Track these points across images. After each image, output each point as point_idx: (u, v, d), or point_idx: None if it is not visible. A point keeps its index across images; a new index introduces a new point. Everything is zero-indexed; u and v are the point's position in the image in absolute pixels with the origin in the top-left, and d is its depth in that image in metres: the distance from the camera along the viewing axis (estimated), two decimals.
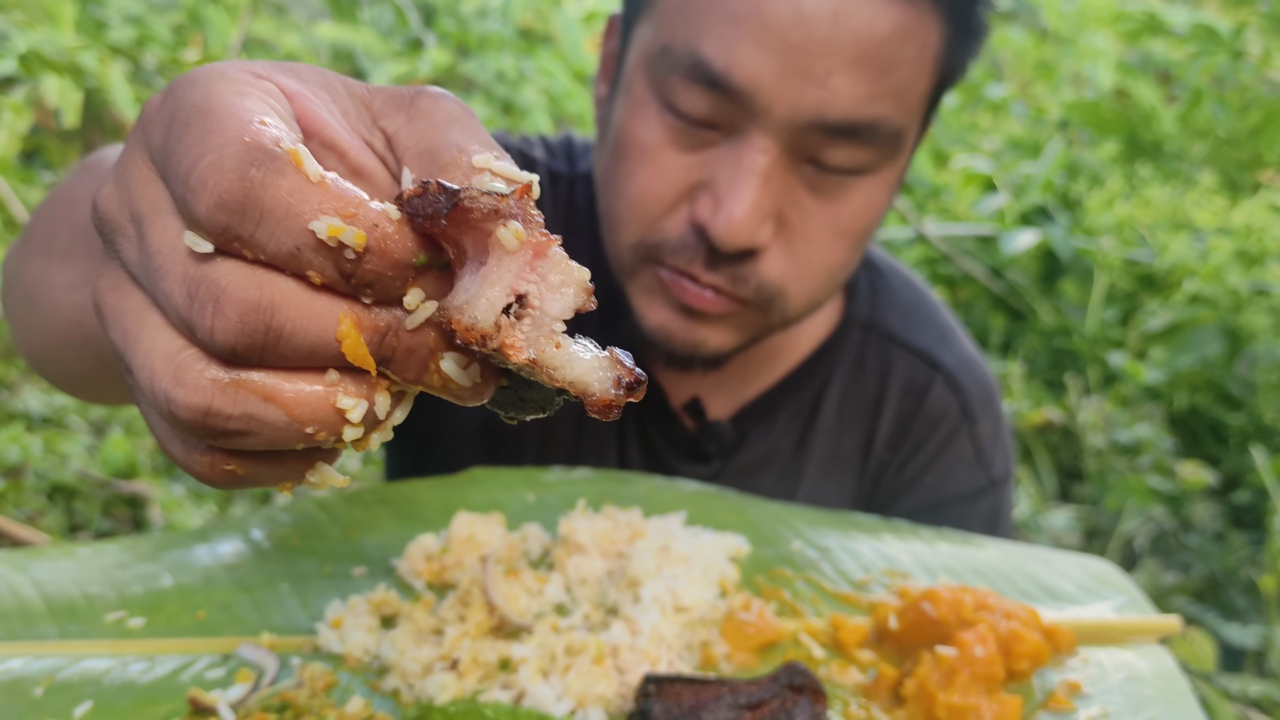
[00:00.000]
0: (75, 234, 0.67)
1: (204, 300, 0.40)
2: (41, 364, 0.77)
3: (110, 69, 4.04)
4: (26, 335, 0.75)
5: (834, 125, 0.88)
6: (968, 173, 4.32)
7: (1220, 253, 3.39)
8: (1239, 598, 2.68)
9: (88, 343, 0.68)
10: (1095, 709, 0.70)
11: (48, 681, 0.68)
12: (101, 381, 0.75)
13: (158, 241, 0.43)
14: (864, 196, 0.95)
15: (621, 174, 0.97)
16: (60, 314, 0.69)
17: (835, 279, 1.01)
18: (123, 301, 0.44)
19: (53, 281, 0.69)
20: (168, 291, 0.42)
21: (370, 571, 0.85)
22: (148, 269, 0.43)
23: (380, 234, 0.40)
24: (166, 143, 0.43)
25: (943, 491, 1.20)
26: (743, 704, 0.64)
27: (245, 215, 0.40)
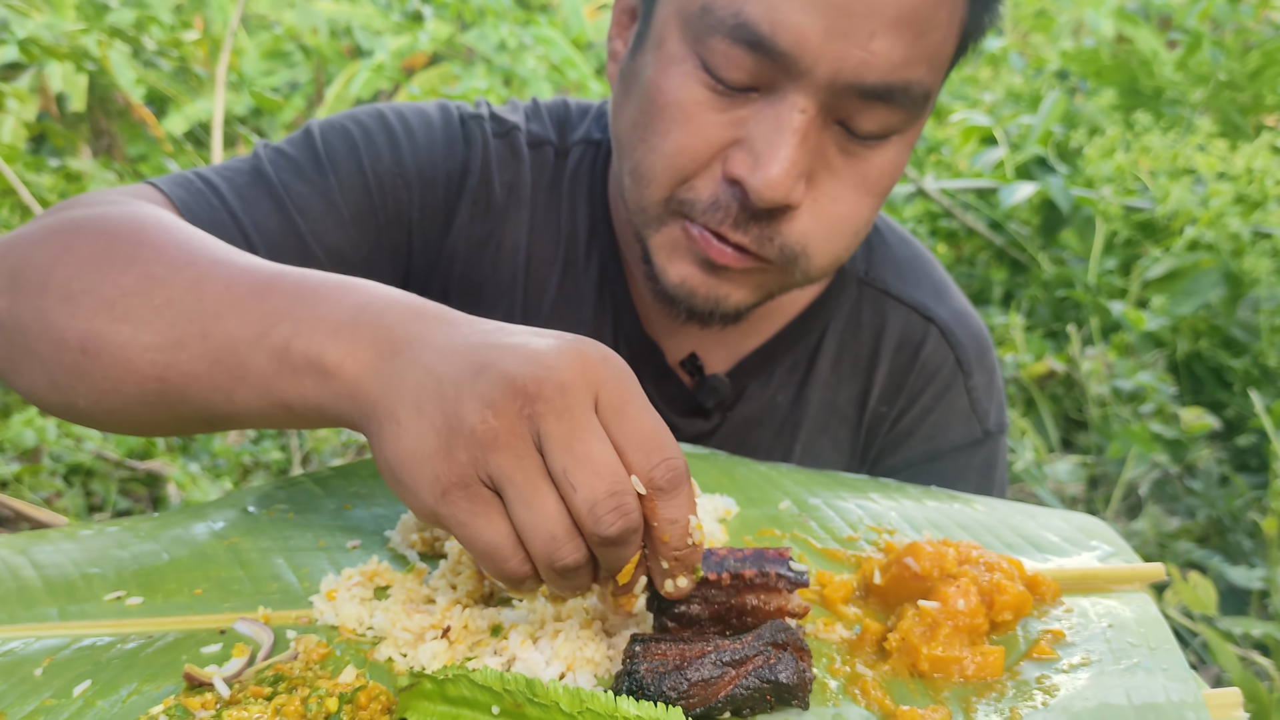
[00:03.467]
0: (167, 307, 0.77)
1: (612, 512, 0.63)
2: (76, 405, 0.83)
3: (112, 52, 4.05)
4: (73, 384, 0.81)
5: (870, 88, 0.90)
6: (967, 127, 4.30)
7: (1221, 198, 3.37)
8: (1243, 541, 2.69)
9: (163, 396, 0.78)
10: (1078, 657, 0.71)
11: (48, 662, 0.70)
12: (157, 424, 0.82)
13: (598, 452, 0.63)
14: (890, 156, 0.97)
15: (656, 131, 0.97)
16: (134, 370, 0.77)
17: (858, 237, 1.03)
18: (526, 458, 0.64)
19: (125, 341, 0.77)
20: (590, 485, 0.63)
21: (364, 544, 0.86)
22: (576, 458, 0.63)
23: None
24: (620, 397, 0.66)
25: (938, 443, 1.22)
26: (727, 661, 0.65)
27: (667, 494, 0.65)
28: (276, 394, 0.74)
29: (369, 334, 0.71)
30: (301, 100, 6.25)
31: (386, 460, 0.68)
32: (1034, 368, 3.40)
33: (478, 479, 0.64)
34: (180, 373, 0.76)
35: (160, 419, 0.81)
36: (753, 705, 0.65)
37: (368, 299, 0.74)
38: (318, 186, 1.08)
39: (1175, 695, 0.66)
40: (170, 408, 0.79)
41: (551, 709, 0.61)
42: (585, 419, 0.64)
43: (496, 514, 0.65)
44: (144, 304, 0.78)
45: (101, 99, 4.99)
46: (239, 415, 0.77)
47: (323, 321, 0.73)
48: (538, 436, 0.64)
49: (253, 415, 0.76)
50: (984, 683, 0.69)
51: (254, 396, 0.75)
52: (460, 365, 0.66)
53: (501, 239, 1.17)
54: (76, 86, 4.78)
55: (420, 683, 0.65)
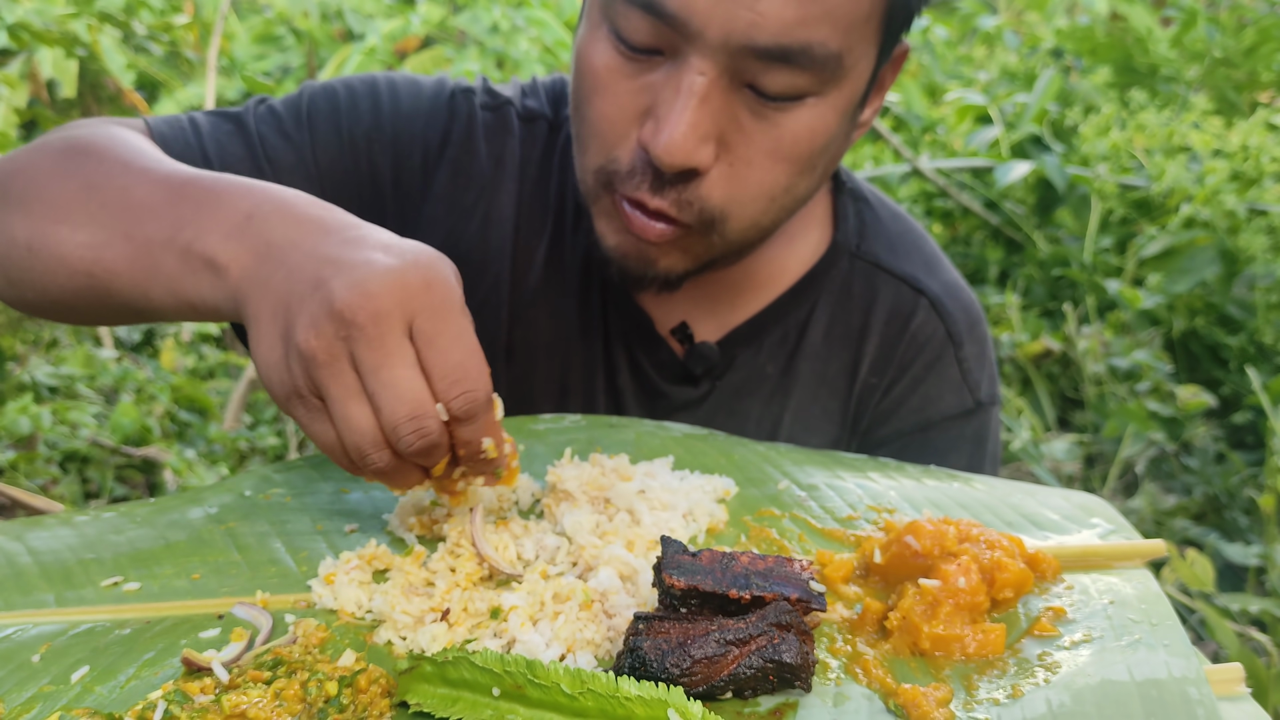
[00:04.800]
0: (100, 211, 0.86)
1: (411, 434, 0.71)
2: (25, 297, 0.93)
3: (102, 36, 4.02)
4: (23, 279, 0.91)
5: (764, 49, 0.89)
6: (961, 106, 4.29)
7: (1216, 175, 3.36)
8: (1240, 518, 2.69)
9: (92, 289, 0.86)
10: (1079, 634, 0.71)
11: (45, 648, 0.69)
12: (93, 314, 0.92)
13: (402, 379, 0.71)
14: (806, 120, 0.96)
15: (583, 100, 1.00)
16: (68, 265, 0.87)
17: (777, 202, 1.02)
18: (341, 376, 0.71)
19: (62, 240, 0.87)
20: (393, 409, 0.71)
21: (362, 527, 0.86)
22: (382, 383, 0.71)
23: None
24: (433, 327, 0.72)
25: (928, 413, 1.22)
26: (730, 640, 0.65)
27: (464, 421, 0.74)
28: (182, 292, 0.81)
29: (252, 238, 0.79)
30: (293, 84, 6.21)
31: (255, 359, 0.76)
32: (1030, 347, 3.40)
33: (308, 389, 0.73)
34: (105, 269, 0.85)
35: (95, 310, 0.90)
36: (755, 685, 0.65)
37: (261, 202, 0.81)
38: (293, 142, 1.12)
39: (1177, 671, 0.66)
40: (99, 299, 0.87)
41: (552, 690, 0.61)
42: (395, 346, 0.71)
43: (327, 420, 0.74)
44: (81, 208, 0.87)
45: (92, 85, 4.96)
46: (155, 311, 0.85)
47: (220, 225, 0.80)
48: (352, 358, 0.71)
49: (167, 311, 0.84)
50: (985, 660, 0.69)
51: (165, 295, 0.83)
52: (306, 278, 0.73)
53: (489, 209, 1.18)
54: (67, 72, 4.75)
55: (420, 666, 0.65)
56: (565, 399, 1.22)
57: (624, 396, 1.22)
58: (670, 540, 0.72)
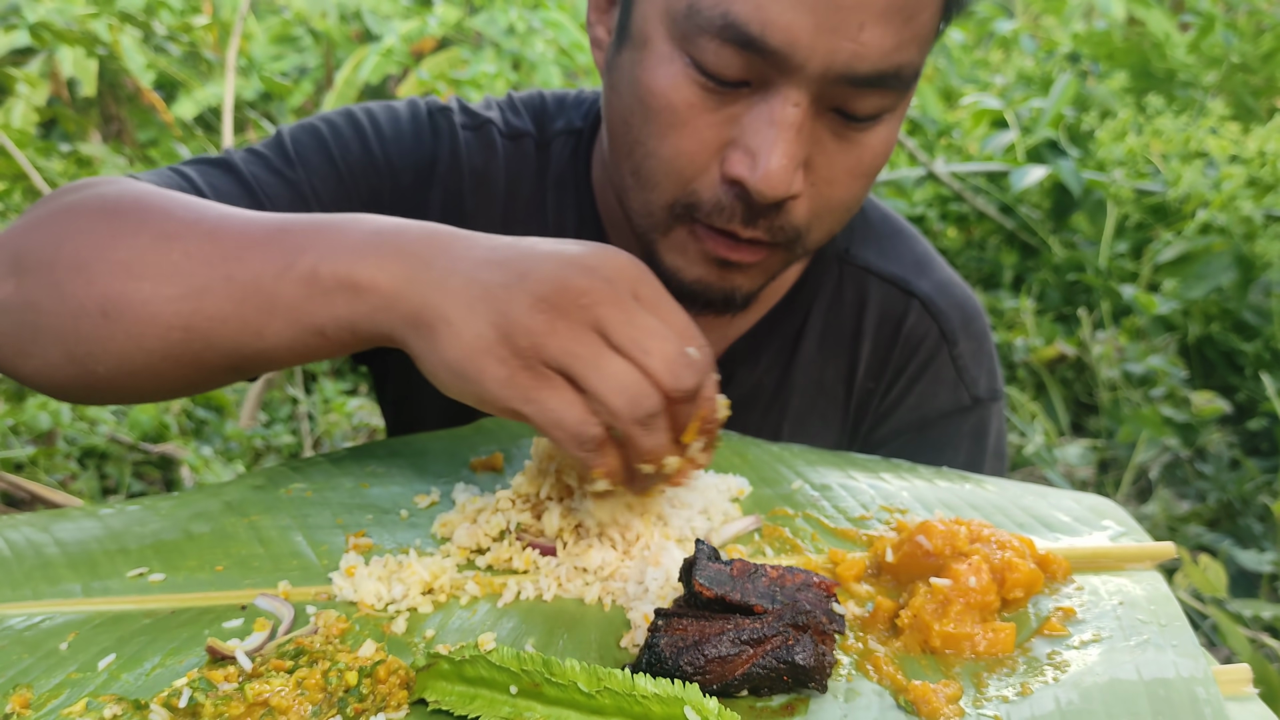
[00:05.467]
0: (186, 260, 0.81)
1: (687, 368, 0.73)
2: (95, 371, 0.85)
3: (122, 36, 4.05)
4: (92, 351, 0.83)
5: (864, 78, 0.89)
6: (977, 110, 4.29)
7: (1233, 181, 3.35)
8: (1254, 524, 2.69)
9: (188, 344, 0.81)
10: (1089, 634, 0.72)
11: (73, 636, 0.71)
12: (177, 377, 0.85)
13: (657, 324, 0.73)
14: (883, 136, 0.97)
15: (652, 134, 0.96)
16: (159, 322, 0.81)
17: (851, 214, 1.04)
18: (585, 338, 0.71)
19: (147, 298, 0.81)
20: (662, 348, 0.72)
21: (378, 520, 0.87)
22: (641, 330, 0.72)
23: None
24: (654, 292, 0.76)
25: (925, 411, 1.23)
26: (745, 639, 0.66)
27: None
28: (308, 320, 0.79)
29: (393, 251, 0.77)
30: (310, 85, 6.24)
31: (445, 360, 0.74)
32: (1044, 351, 3.40)
33: (540, 362, 0.72)
34: (206, 317, 0.80)
35: (184, 372, 0.84)
36: (770, 685, 0.66)
37: (382, 225, 0.80)
38: (286, 178, 1.10)
39: (1185, 671, 0.67)
40: (195, 357, 0.82)
41: (569, 688, 0.62)
42: (635, 304, 0.73)
43: (562, 386, 0.72)
44: (162, 260, 0.82)
45: (111, 84, 5.00)
46: (268, 351, 0.81)
47: (345, 246, 0.78)
48: (595, 322, 0.72)
49: (282, 349, 0.81)
50: (995, 659, 0.70)
51: (284, 327, 0.79)
52: (502, 272, 0.74)
53: (472, 228, 1.18)
54: (87, 71, 4.78)
55: (437, 663, 0.66)
56: None
57: None
58: (704, 544, 0.72)
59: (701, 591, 0.69)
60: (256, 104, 5.93)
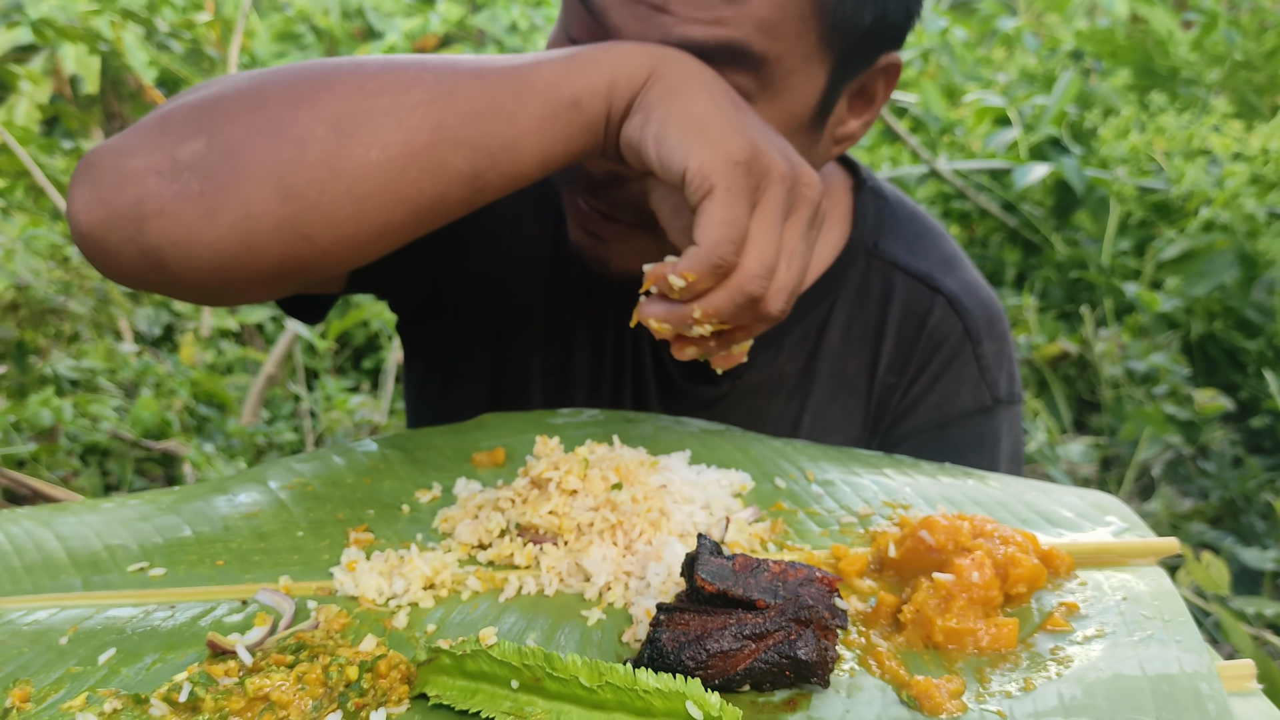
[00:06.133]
0: (424, 73, 0.82)
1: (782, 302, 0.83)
2: (321, 201, 0.81)
3: (124, 33, 4.05)
4: (321, 178, 0.80)
5: (679, 47, 0.88)
6: (980, 107, 4.28)
7: (1236, 178, 3.35)
8: (1257, 522, 2.68)
9: (435, 147, 0.81)
10: (1092, 629, 0.72)
11: (73, 631, 0.71)
12: (416, 193, 0.83)
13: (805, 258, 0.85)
14: None
15: None
16: (407, 125, 0.80)
17: None
18: (778, 204, 0.81)
19: (388, 107, 0.81)
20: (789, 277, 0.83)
21: (379, 514, 0.87)
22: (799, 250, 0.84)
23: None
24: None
25: (946, 410, 1.22)
26: (747, 634, 0.65)
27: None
28: (567, 90, 0.82)
29: (663, 49, 0.86)
30: None
31: (694, 115, 0.81)
32: (1047, 349, 3.39)
33: (758, 182, 0.80)
34: (458, 113, 0.81)
35: (421, 183, 0.82)
36: (772, 680, 0.66)
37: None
38: None
39: (1189, 666, 0.67)
40: (439, 161, 0.81)
41: (571, 682, 0.62)
42: (814, 225, 0.85)
43: (749, 208, 0.80)
44: (400, 76, 0.82)
45: (114, 81, 4.99)
46: (517, 140, 0.82)
47: (597, 45, 0.86)
48: (793, 209, 0.83)
49: (532, 134, 0.82)
50: (998, 654, 0.70)
51: (538, 104, 0.82)
52: (759, 120, 0.86)
53: (528, 208, 1.21)
54: (90, 69, 4.78)
55: (439, 658, 0.65)
56: (596, 390, 1.22)
57: (648, 392, 1.23)
58: (705, 539, 0.72)
59: (704, 586, 0.69)
60: None
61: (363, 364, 3.79)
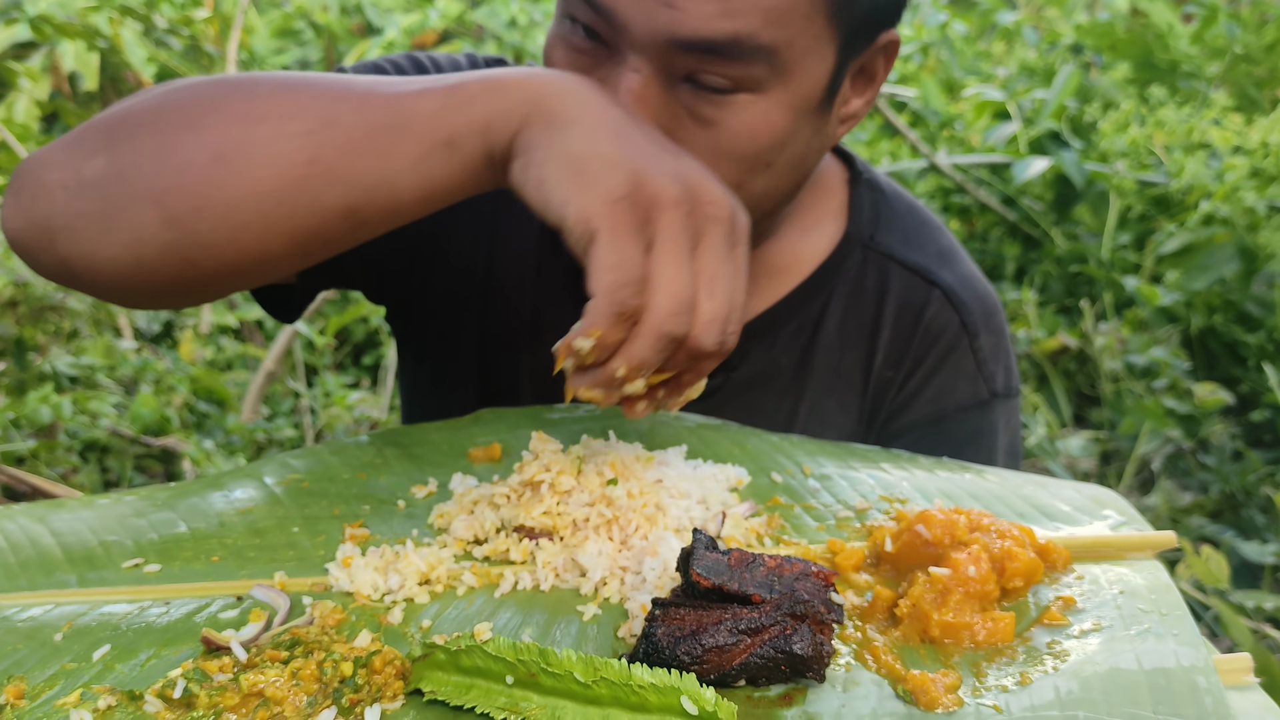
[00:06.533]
0: (313, 100, 0.81)
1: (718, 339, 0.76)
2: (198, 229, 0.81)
3: (123, 29, 4.04)
4: (198, 206, 0.81)
5: (688, 42, 0.88)
6: (980, 101, 4.27)
7: (1236, 172, 3.34)
8: (1257, 515, 2.68)
9: (307, 181, 0.79)
10: (1089, 623, 0.72)
11: (68, 627, 0.71)
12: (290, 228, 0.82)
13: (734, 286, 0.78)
14: (744, 119, 0.94)
15: None
16: (280, 159, 0.79)
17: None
18: (684, 234, 0.74)
19: (268, 137, 0.79)
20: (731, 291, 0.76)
21: (374, 510, 0.87)
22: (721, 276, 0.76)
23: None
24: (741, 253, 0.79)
25: (943, 404, 1.22)
26: (743, 629, 0.65)
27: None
28: (442, 129, 0.79)
29: (551, 73, 0.82)
30: None
31: (571, 154, 0.75)
32: (1047, 343, 3.39)
33: (646, 215, 0.73)
34: (334, 147, 0.79)
35: (297, 220, 0.81)
36: (768, 675, 0.65)
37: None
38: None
39: (1186, 660, 0.67)
40: (313, 197, 0.80)
41: (565, 678, 0.62)
42: (735, 247, 0.78)
43: (642, 245, 0.73)
44: (285, 103, 0.81)
45: (113, 78, 4.98)
46: (392, 179, 0.80)
47: (481, 74, 0.81)
48: (702, 235, 0.75)
49: (407, 173, 0.79)
50: (995, 648, 0.70)
51: (413, 144, 0.79)
52: (655, 140, 0.79)
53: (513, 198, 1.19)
54: (89, 65, 4.77)
55: (434, 653, 0.65)
56: None
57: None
58: (701, 534, 0.72)
59: (699, 581, 0.68)
60: None
61: (362, 360, 3.79)
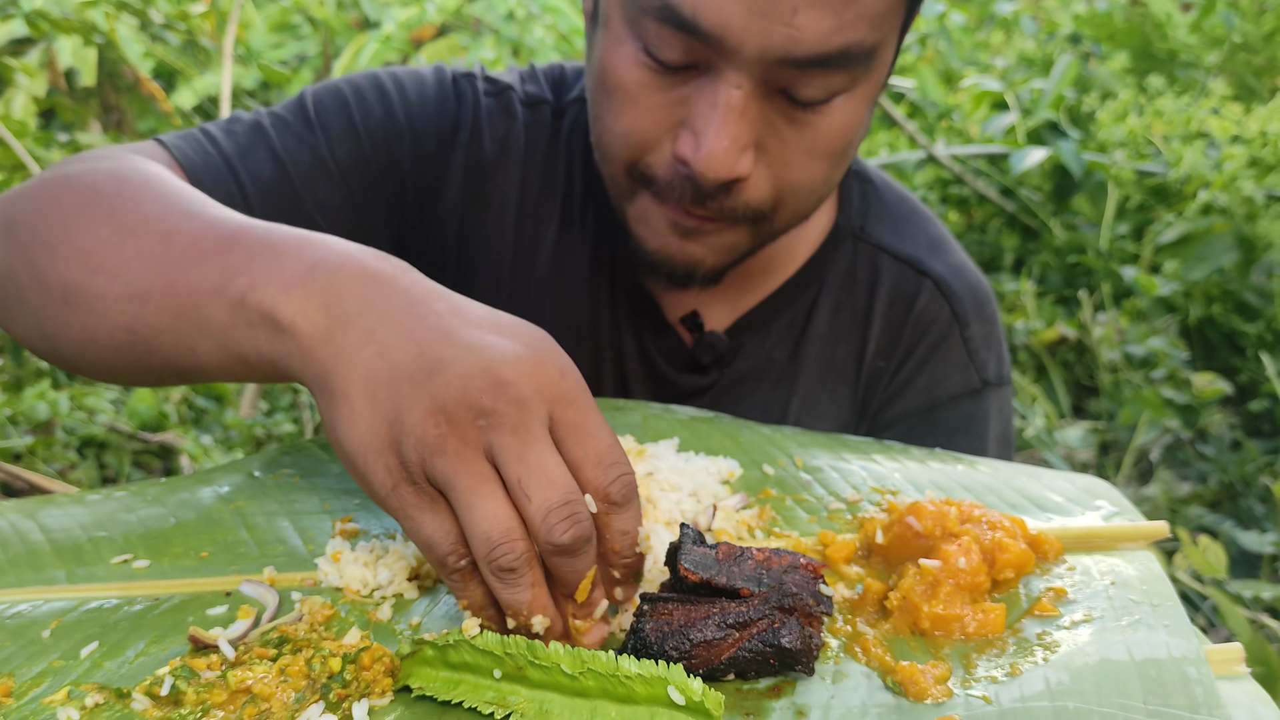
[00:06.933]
0: (137, 259, 0.79)
1: (565, 520, 0.63)
2: (62, 354, 0.86)
3: (119, 25, 4.04)
4: (57, 333, 0.84)
5: (803, 60, 0.89)
6: (978, 92, 4.27)
7: (1235, 161, 3.34)
8: (1255, 505, 2.68)
9: (133, 347, 0.79)
10: (1080, 614, 0.71)
11: (55, 624, 0.70)
12: (135, 375, 0.84)
13: (551, 465, 0.64)
14: (839, 118, 0.96)
15: (609, 111, 1.00)
16: (108, 320, 0.80)
17: (818, 194, 1.04)
18: (474, 464, 0.64)
19: (99, 292, 0.80)
20: (544, 495, 0.63)
21: (365, 504, 0.86)
22: (530, 469, 0.63)
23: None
24: (577, 414, 0.66)
25: (934, 394, 1.22)
26: (731, 623, 0.65)
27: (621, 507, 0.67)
28: (233, 346, 0.74)
29: (320, 294, 0.70)
30: (310, 73, 6.22)
31: (340, 441, 0.67)
32: (1045, 334, 3.39)
33: (425, 478, 0.65)
34: (147, 324, 0.78)
35: (133, 370, 0.82)
36: (757, 669, 0.65)
37: (323, 256, 0.73)
38: (306, 142, 1.11)
39: (1177, 651, 0.66)
40: (139, 359, 0.80)
41: (553, 671, 0.61)
42: (539, 433, 0.65)
43: (443, 512, 0.66)
44: (116, 255, 0.80)
45: (111, 74, 4.98)
46: (201, 368, 0.78)
47: (278, 276, 0.72)
48: (489, 447, 0.64)
49: (213, 368, 0.77)
50: (985, 640, 0.69)
51: (213, 349, 0.75)
52: (415, 357, 0.66)
53: (490, 194, 1.18)
54: (86, 61, 4.77)
55: (422, 649, 0.65)
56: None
57: (631, 382, 1.22)
58: (689, 528, 0.72)
59: (687, 576, 0.68)
60: (256, 93, 5.91)
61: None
